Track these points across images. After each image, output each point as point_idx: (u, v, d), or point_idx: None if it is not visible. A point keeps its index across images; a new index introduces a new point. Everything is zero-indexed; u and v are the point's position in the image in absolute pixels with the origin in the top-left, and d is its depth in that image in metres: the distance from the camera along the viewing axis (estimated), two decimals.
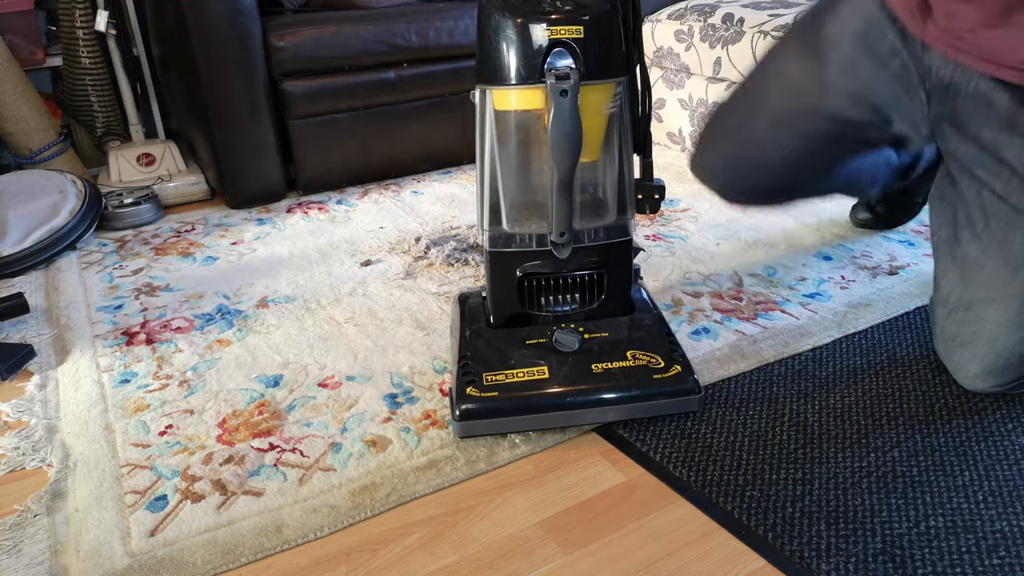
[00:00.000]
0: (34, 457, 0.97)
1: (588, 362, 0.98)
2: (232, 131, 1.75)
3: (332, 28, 1.79)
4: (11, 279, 1.51)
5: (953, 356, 1.02)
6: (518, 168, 0.97)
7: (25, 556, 0.81)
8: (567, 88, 0.86)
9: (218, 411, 1.04)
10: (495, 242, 1.00)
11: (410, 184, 1.95)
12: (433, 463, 0.92)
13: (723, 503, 0.84)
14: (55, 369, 1.17)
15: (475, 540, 0.82)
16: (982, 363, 0.98)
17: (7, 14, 1.97)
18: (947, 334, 1.03)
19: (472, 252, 1.50)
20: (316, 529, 0.83)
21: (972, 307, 0.99)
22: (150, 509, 0.87)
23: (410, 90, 1.90)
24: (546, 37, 0.88)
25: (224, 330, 1.26)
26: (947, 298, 1.03)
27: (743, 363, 1.10)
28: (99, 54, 1.95)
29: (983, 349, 0.97)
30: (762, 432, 0.96)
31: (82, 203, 1.67)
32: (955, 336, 1.01)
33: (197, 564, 0.79)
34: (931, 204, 1.08)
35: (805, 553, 0.77)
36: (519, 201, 0.99)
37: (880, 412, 0.98)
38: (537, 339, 1.00)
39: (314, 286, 1.40)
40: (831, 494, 0.85)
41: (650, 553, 0.79)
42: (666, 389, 0.96)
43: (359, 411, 1.03)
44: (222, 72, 1.69)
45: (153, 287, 1.44)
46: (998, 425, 0.95)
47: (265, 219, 1.76)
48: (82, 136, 2.16)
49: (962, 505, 0.82)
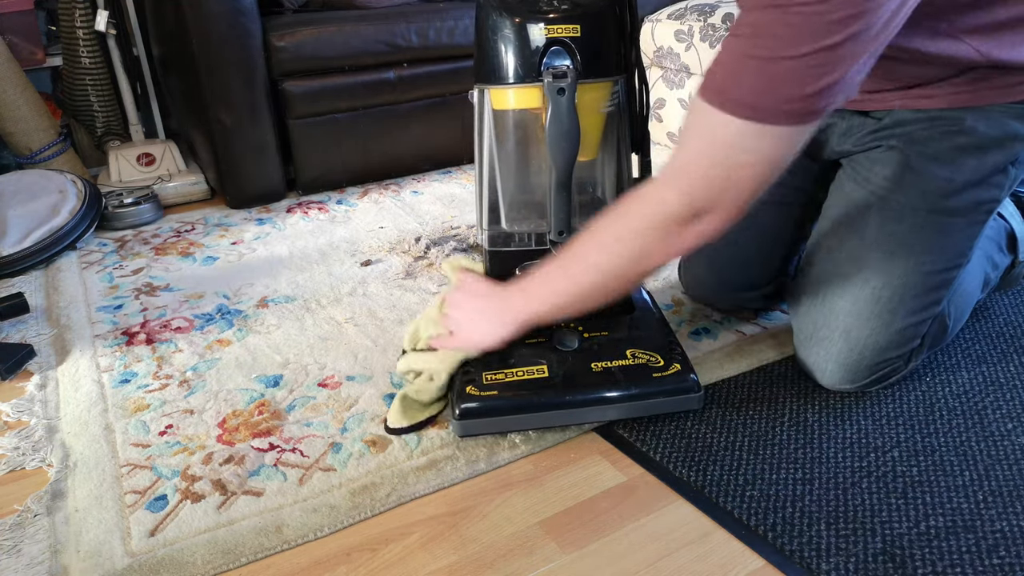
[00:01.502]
0: (34, 457, 0.97)
1: (588, 361, 0.98)
2: (232, 131, 1.75)
3: (332, 28, 1.78)
4: (11, 279, 1.51)
5: (810, 356, 1.00)
6: (517, 167, 0.97)
7: (25, 556, 0.81)
8: (564, 87, 0.86)
9: (218, 411, 1.04)
10: (494, 241, 1.00)
11: (410, 184, 1.95)
12: (433, 463, 0.92)
13: (723, 503, 0.84)
14: (55, 369, 1.17)
15: (475, 540, 0.82)
16: (837, 359, 0.97)
17: (7, 14, 1.97)
18: (804, 334, 1.01)
19: (472, 252, 1.50)
20: (316, 529, 0.83)
21: (826, 300, 0.97)
22: (150, 509, 0.87)
23: (410, 90, 1.90)
24: (543, 36, 0.88)
25: (224, 330, 1.26)
26: (802, 297, 1.02)
27: (743, 363, 1.10)
28: (99, 54, 1.95)
29: (838, 345, 0.96)
30: (762, 432, 0.95)
31: (82, 203, 1.67)
32: (811, 335, 1.00)
33: (197, 564, 0.79)
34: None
35: (805, 553, 0.77)
36: (518, 200, 0.99)
37: (880, 412, 0.98)
38: (536, 338, 1.00)
39: (314, 286, 1.40)
40: (831, 494, 0.85)
41: (650, 553, 0.79)
42: (666, 387, 0.96)
43: (359, 411, 1.03)
44: (222, 72, 1.69)
45: (153, 287, 1.44)
46: (998, 425, 0.95)
47: (265, 219, 1.76)
48: (82, 136, 2.16)
49: (962, 505, 0.82)
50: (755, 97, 0.70)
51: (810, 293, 1.01)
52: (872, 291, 0.94)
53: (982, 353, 1.10)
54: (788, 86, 0.69)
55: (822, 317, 0.98)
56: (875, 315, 0.94)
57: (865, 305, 0.95)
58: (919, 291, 0.94)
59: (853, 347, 0.96)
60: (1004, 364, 1.07)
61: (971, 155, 0.91)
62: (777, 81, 0.69)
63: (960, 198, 0.92)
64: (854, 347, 0.96)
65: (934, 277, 0.95)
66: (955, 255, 0.95)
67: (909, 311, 0.94)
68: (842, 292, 0.96)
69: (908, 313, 0.94)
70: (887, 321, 0.94)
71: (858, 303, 0.95)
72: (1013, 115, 0.90)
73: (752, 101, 0.70)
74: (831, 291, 0.98)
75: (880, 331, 0.95)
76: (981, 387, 1.02)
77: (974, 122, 0.91)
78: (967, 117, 0.91)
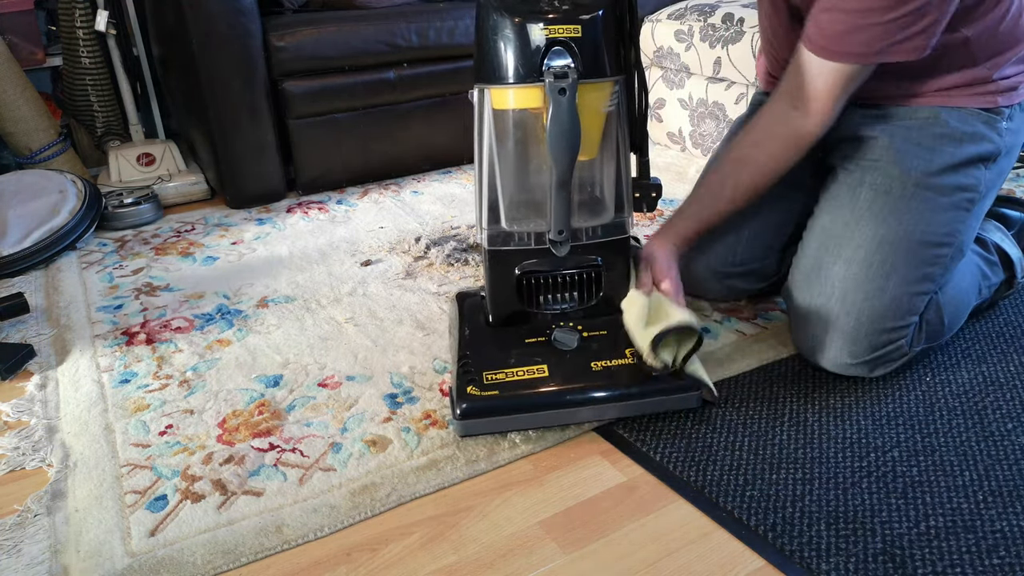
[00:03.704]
0: (34, 457, 0.97)
1: (587, 360, 0.98)
2: (232, 131, 1.75)
3: (332, 28, 1.79)
4: (11, 279, 1.51)
5: (809, 332, 1.03)
6: (516, 167, 0.97)
7: (25, 556, 0.81)
8: (566, 87, 0.86)
9: (218, 411, 1.04)
10: (494, 240, 1.00)
11: (410, 184, 1.95)
12: (433, 463, 0.92)
13: (723, 503, 0.84)
14: (55, 369, 1.17)
15: (475, 540, 0.82)
16: (835, 328, 1.00)
17: (7, 14, 1.97)
18: (802, 309, 1.04)
19: (472, 252, 1.50)
20: (316, 529, 0.83)
21: (822, 268, 1.02)
22: (150, 509, 0.87)
23: (410, 90, 1.90)
24: (544, 36, 0.89)
25: (224, 330, 1.26)
26: (800, 273, 1.06)
27: (743, 363, 1.10)
28: (99, 54, 1.95)
29: (835, 311, 1.00)
30: (762, 432, 0.95)
31: (82, 203, 1.67)
32: (809, 306, 1.03)
33: (197, 564, 0.79)
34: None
35: (805, 553, 0.77)
36: (517, 200, 0.99)
37: (880, 412, 0.98)
38: (536, 337, 1.00)
39: (314, 286, 1.40)
40: (831, 494, 0.85)
41: (650, 553, 0.79)
42: (665, 386, 0.96)
43: (359, 411, 1.03)
44: (222, 72, 1.69)
45: (153, 287, 1.44)
46: (998, 425, 0.95)
47: (265, 219, 1.76)
48: (82, 136, 2.16)
49: (962, 505, 0.82)
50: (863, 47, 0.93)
51: (806, 265, 1.05)
52: (865, 255, 0.99)
53: (982, 353, 1.10)
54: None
55: (818, 286, 1.02)
56: (869, 279, 0.98)
57: (860, 268, 0.99)
58: (910, 260, 0.99)
59: (850, 311, 0.99)
60: (1004, 364, 1.07)
61: (948, 143, 1.02)
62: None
63: (941, 179, 1.01)
64: (850, 311, 0.99)
65: (924, 250, 0.99)
66: (943, 232, 1.00)
67: (902, 279, 0.98)
68: (836, 258, 1.01)
69: (902, 282, 0.98)
70: (881, 286, 0.98)
71: (852, 266, 1.00)
72: (981, 120, 1.02)
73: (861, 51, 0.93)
74: (826, 258, 1.02)
75: (875, 296, 0.98)
76: (981, 387, 1.02)
77: (947, 117, 1.03)
78: (942, 113, 1.03)
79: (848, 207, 1.03)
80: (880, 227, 1.00)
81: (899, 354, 1.01)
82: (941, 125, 1.02)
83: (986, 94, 1.02)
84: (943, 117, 1.02)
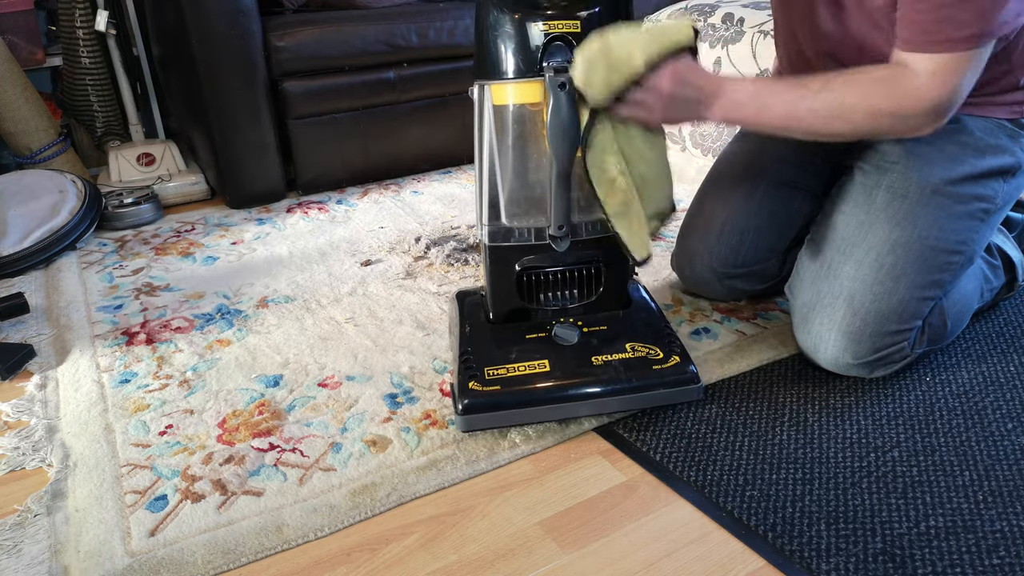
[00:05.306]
0: (34, 457, 0.97)
1: (588, 355, 0.98)
2: (232, 131, 1.75)
3: (332, 28, 1.78)
4: (11, 279, 1.51)
5: (812, 328, 1.03)
6: (516, 163, 0.97)
7: (25, 556, 0.81)
8: (566, 81, 0.87)
9: (218, 411, 1.04)
10: (494, 236, 1.00)
11: (410, 184, 1.95)
12: (433, 463, 0.92)
13: (723, 503, 0.84)
14: (55, 369, 1.17)
15: (475, 540, 0.82)
16: (840, 326, 0.99)
17: (7, 14, 1.97)
18: (806, 306, 1.04)
19: (472, 252, 1.50)
20: (316, 529, 0.83)
21: (832, 266, 1.02)
22: (150, 509, 0.87)
23: (410, 90, 1.90)
24: (543, 32, 0.89)
25: (224, 330, 1.26)
26: (806, 270, 1.05)
27: (743, 363, 1.10)
28: (99, 54, 1.95)
29: (841, 310, 0.99)
30: (762, 432, 0.95)
31: (82, 203, 1.67)
32: (815, 304, 1.02)
33: (197, 564, 0.79)
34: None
35: (805, 553, 0.77)
36: (517, 196, 0.99)
37: (880, 412, 0.98)
38: (537, 333, 1.01)
39: (314, 286, 1.40)
40: (831, 494, 0.85)
41: (650, 553, 0.79)
42: (666, 379, 0.97)
43: (359, 411, 1.03)
44: (222, 72, 1.69)
45: (153, 287, 1.44)
46: (998, 425, 0.95)
47: (265, 219, 1.76)
48: (82, 136, 2.16)
49: (962, 505, 0.82)
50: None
51: (815, 263, 1.05)
52: (877, 257, 0.99)
53: (982, 353, 1.10)
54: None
55: (826, 284, 1.02)
56: (878, 281, 0.98)
57: (870, 270, 0.99)
58: (921, 265, 0.98)
59: (856, 311, 0.98)
60: (1004, 364, 1.07)
61: (970, 153, 1.00)
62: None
63: (960, 188, 1.00)
64: (857, 311, 0.98)
65: (936, 256, 0.99)
66: (956, 240, 1.00)
67: (911, 284, 0.98)
68: (847, 258, 1.01)
69: (910, 285, 0.98)
70: (890, 289, 0.98)
71: (862, 267, 0.99)
72: (1006, 132, 1.02)
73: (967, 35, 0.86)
74: (836, 258, 1.02)
75: (883, 298, 0.98)
76: (981, 387, 1.02)
77: (972, 126, 1.01)
78: (967, 121, 1.01)
79: (863, 208, 1.02)
80: (894, 230, 0.99)
81: (900, 356, 1.01)
82: (966, 134, 1.00)
83: (1013, 104, 1.01)
84: (968, 126, 1.01)
